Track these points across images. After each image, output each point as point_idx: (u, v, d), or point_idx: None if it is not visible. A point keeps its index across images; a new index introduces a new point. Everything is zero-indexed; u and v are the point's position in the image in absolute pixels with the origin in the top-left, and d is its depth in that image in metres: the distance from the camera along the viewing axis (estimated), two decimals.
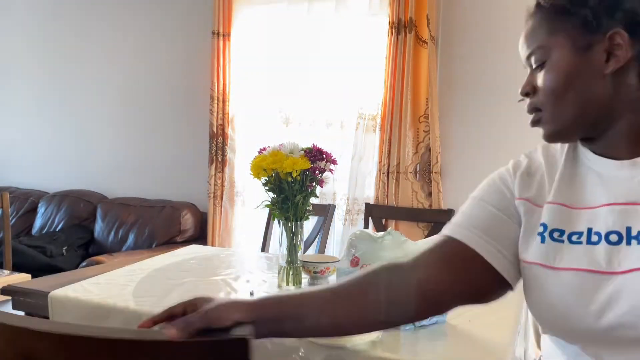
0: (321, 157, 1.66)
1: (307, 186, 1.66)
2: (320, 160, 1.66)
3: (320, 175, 1.69)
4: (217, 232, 3.23)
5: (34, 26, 4.07)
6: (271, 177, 1.64)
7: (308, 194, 1.67)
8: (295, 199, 1.64)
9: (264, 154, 1.67)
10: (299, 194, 1.63)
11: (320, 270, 1.66)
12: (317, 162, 1.65)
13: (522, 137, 2.63)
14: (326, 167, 1.68)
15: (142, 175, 3.66)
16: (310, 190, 1.67)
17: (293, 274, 1.70)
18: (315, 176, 1.66)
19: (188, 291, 1.55)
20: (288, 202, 1.65)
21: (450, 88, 2.76)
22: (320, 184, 1.69)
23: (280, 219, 1.68)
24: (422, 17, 2.68)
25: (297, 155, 1.63)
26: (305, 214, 1.68)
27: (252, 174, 1.65)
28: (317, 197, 1.73)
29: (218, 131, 3.23)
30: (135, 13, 3.68)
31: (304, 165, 1.60)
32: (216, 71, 3.19)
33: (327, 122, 2.98)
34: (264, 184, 1.67)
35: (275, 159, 1.61)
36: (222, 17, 3.17)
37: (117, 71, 3.77)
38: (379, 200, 2.82)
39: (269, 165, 1.61)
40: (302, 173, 1.62)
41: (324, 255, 1.99)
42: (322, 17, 2.99)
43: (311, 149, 1.67)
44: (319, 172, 1.66)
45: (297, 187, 1.63)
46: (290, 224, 1.67)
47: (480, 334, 1.39)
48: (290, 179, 1.61)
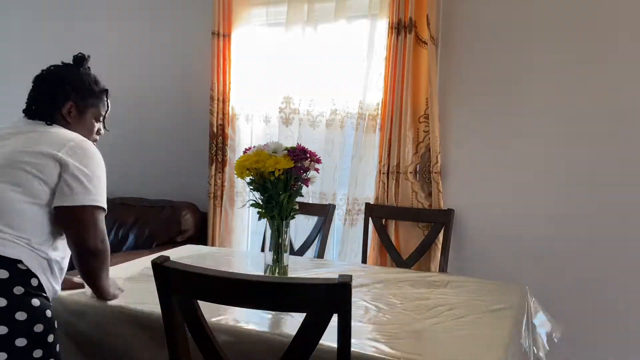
0: (305, 156, 1.68)
1: (291, 185, 1.67)
2: (303, 160, 1.67)
3: (306, 174, 1.70)
4: (217, 232, 3.23)
5: (33, 26, 4.07)
6: (256, 177, 1.65)
7: (293, 193, 1.69)
8: (279, 198, 1.65)
9: (248, 153, 1.68)
10: (282, 193, 1.64)
11: None
12: (301, 162, 1.66)
13: (521, 137, 2.64)
14: (310, 167, 1.69)
15: (142, 175, 3.66)
16: (295, 189, 1.68)
17: (279, 272, 1.71)
18: (299, 175, 1.67)
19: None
20: (272, 202, 1.66)
21: (450, 88, 2.76)
22: (306, 183, 1.71)
23: (265, 218, 1.69)
24: (422, 17, 2.68)
25: (281, 154, 1.64)
26: (290, 213, 1.70)
27: (236, 173, 1.67)
28: (302, 195, 1.74)
29: (218, 131, 3.23)
30: (135, 13, 3.68)
31: (287, 165, 1.62)
32: (216, 71, 3.19)
33: (327, 122, 2.98)
34: (248, 183, 1.69)
35: (258, 158, 1.63)
36: (222, 17, 3.18)
37: (117, 71, 3.77)
38: (379, 200, 2.82)
39: (252, 165, 1.64)
40: (286, 172, 1.63)
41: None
42: (322, 17, 2.99)
43: (295, 148, 1.68)
44: (303, 171, 1.67)
45: (280, 186, 1.65)
46: (276, 223, 1.69)
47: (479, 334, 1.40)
48: (272, 177, 1.63)
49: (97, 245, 1.45)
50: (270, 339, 1.30)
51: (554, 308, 2.58)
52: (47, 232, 1.43)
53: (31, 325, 1.33)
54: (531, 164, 2.62)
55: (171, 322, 1.15)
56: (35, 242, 1.40)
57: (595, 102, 2.51)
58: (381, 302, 1.67)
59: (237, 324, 1.38)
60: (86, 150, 1.51)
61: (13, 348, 1.29)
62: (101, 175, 1.53)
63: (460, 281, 1.99)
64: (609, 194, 2.50)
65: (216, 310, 1.42)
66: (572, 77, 2.54)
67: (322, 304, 1.02)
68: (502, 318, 1.54)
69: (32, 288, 1.36)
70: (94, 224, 1.45)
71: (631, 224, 2.46)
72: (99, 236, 1.46)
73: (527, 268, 2.63)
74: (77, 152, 1.48)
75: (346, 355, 1.05)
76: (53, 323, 1.40)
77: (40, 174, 1.42)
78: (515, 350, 1.44)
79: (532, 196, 2.63)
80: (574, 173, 2.56)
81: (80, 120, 1.66)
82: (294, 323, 1.14)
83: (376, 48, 2.83)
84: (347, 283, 0.99)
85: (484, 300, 1.73)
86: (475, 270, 2.71)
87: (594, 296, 2.53)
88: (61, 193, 1.43)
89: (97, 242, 1.45)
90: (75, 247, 1.45)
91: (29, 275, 1.36)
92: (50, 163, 1.44)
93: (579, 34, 2.52)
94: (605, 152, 2.50)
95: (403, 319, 1.49)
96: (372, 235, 2.84)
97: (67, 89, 1.63)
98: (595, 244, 2.52)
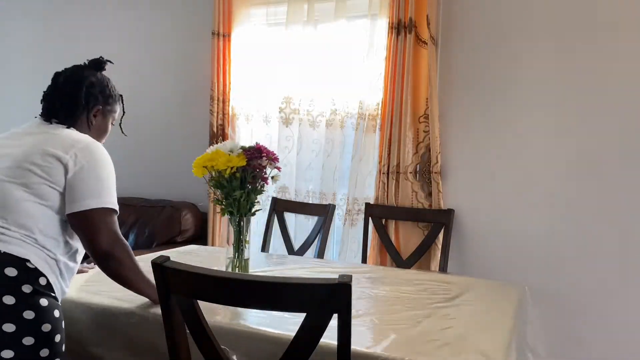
0: (259, 155, 1.72)
1: (249, 183, 1.72)
2: (258, 159, 1.72)
3: (267, 172, 1.75)
4: (217, 232, 3.23)
5: (33, 26, 4.07)
6: (215, 175, 1.72)
7: (250, 191, 1.73)
8: (235, 195, 1.70)
9: (206, 152, 1.74)
10: (238, 190, 1.70)
11: None
12: (255, 160, 1.71)
13: (521, 137, 2.64)
14: (267, 165, 1.75)
15: (142, 175, 3.66)
16: (252, 187, 1.73)
17: (239, 266, 1.76)
18: (256, 173, 1.72)
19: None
20: (230, 199, 1.72)
21: (450, 88, 2.76)
22: (265, 181, 1.76)
23: (226, 214, 1.76)
24: (422, 17, 2.68)
25: (236, 153, 1.70)
26: (249, 209, 1.76)
27: (194, 172, 1.73)
28: (261, 193, 1.79)
29: (218, 131, 3.23)
30: (135, 13, 3.68)
31: (239, 163, 1.68)
32: (216, 71, 3.20)
33: (327, 122, 2.98)
34: (209, 180, 1.75)
35: (214, 157, 1.69)
36: (222, 17, 3.18)
37: (117, 71, 3.76)
38: (379, 200, 2.82)
39: (207, 163, 1.70)
40: (242, 170, 1.69)
41: None
42: (322, 18, 2.99)
43: (252, 147, 1.74)
44: (259, 169, 1.72)
45: (236, 184, 1.69)
46: (236, 219, 1.75)
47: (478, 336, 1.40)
48: (226, 175, 1.68)
49: (109, 247, 1.43)
50: (271, 339, 1.30)
51: (553, 308, 2.59)
52: (56, 232, 1.43)
53: (39, 324, 1.33)
54: (531, 163, 2.62)
55: (171, 322, 1.15)
56: (43, 242, 1.40)
57: (595, 103, 2.51)
58: (381, 302, 1.67)
59: (237, 324, 1.38)
60: (94, 152, 1.50)
61: (20, 346, 1.29)
62: (109, 175, 1.53)
63: (460, 281, 1.99)
64: (609, 194, 2.50)
65: (216, 310, 1.42)
66: (572, 77, 2.54)
67: (322, 304, 1.02)
68: (502, 318, 1.54)
69: (40, 287, 1.36)
70: (104, 226, 1.43)
71: (631, 224, 2.46)
72: (111, 238, 1.44)
73: (527, 268, 2.63)
74: (85, 154, 1.48)
75: (346, 354, 1.05)
76: (60, 323, 1.40)
77: (48, 176, 1.42)
78: (516, 350, 1.44)
79: (532, 196, 2.63)
80: (573, 173, 2.56)
81: (102, 124, 1.69)
82: (294, 323, 1.14)
83: (376, 48, 2.83)
84: (347, 283, 1.00)
85: (484, 300, 1.73)
86: (475, 270, 2.71)
87: (594, 296, 2.53)
88: (71, 197, 1.43)
89: (109, 245, 1.43)
90: (90, 251, 1.45)
91: (37, 274, 1.36)
92: (57, 165, 1.44)
93: (579, 34, 2.52)
94: (606, 152, 2.50)
95: (403, 319, 1.49)
96: (372, 235, 2.84)
97: (95, 92, 1.64)
98: (595, 244, 2.52)
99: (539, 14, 2.57)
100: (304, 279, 1.03)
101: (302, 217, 3.00)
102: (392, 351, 1.22)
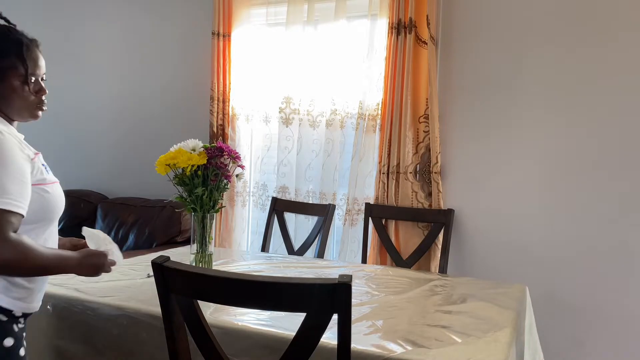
0: (220, 153, 1.77)
1: (211, 181, 1.77)
2: (219, 157, 1.77)
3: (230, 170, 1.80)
4: (217, 232, 3.23)
5: (33, 26, 4.07)
6: (178, 173, 1.76)
7: (213, 188, 1.78)
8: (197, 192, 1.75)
9: (170, 150, 1.78)
10: (200, 187, 1.75)
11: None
12: (217, 159, 1.76)
13: (521, 137, 2.64)
14: (228, 163, 1.79)
15: (142, 175, 3.66)
16: (214, 185, 1.78)
17: (203, 261, 1.82)
18: (219, 171, 1.76)
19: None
20: (192, 196, 1.77)
21: (450, 88, 2.76)
22: (228, 178, 1.80)
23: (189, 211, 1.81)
24: (422, 17, 2.68)
25: (198, 152, 1.75)
26: (213, 206, 1.81)
27: (157, 170, 1.76)
28: (225, 190, 1.85)
29: (218, 131, 3.23)
30: (135, 13, 3.68)
31: (200, 161, 1.72)
32: (216, 71, 3.20)
33: (327, 122, 2.98)
34: (173, 178, 1.79)
35: (175, 155, 1.74)
36: (222, 17, 3.18)
37: (117, 71, 3.77)
38: (379, 200, 2.82)
39: (169, 161, 1.74)
40: (203, 168, 1.74)
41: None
42: (322, 18, 2.99)
43: (214, 146, 1.78)
44: (219, 167, 1.76)
45: (197, 181, 1.75)
46: (199, 215, 1.80)
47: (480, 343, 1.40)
48: (187, 173, 1.73)
49: (5, 256, 1.14)
50: (271, 339, 1.30)
51: (553, 308, 2.59)
52: None
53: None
54: (531, 164, 2.62)
55: (171, 322, 1.15)
56: None
57: (595, 103, 2.51)
58: (381, 302, 1.67)
59: (237, 323, 1.38)
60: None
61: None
62: (8, 169, 1.19)
63: (460, 281, 1.99)
64: (609, 194, 2.50)
65: (216, 310, 1.42)
66: (573, 78, 2.54)
67: (322, 304, 1.02)
68: (502, 318, 1.54)
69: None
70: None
71: (631, 224, 2.46)
72: (8, 247, 1.14)
73: (527, 268, 2.63)
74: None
75: (346, 354, 1.05)
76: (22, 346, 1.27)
77: None
78: (516, 351, 1.44)
79: (532, 196, 2.63)
80: (573, 173, 2.56)
81: (2, 89, 1.33)
82: (293, 323, 1.15)
83: (376, 48, 2.84)
84: (347, 283, 1.00)
85: (484, 300, 1.73)
86: (475, 270, 2.71)
87: (594, 296, 2.53)
88: None
89: (5, 254, 1.14)
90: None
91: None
92: None
93: (579, 34, 2.52)
94: (606, 152, 2.50)
95: (403, 319, 1.49)
96: (372, 235, 2.84)
97: None
98: (595, 244, 2.52)
99: (539, 14, 2.58)
100: (304, 279, 1.03)
101: (302, 217, 3.00)
102: (392, 351, 1.22)
